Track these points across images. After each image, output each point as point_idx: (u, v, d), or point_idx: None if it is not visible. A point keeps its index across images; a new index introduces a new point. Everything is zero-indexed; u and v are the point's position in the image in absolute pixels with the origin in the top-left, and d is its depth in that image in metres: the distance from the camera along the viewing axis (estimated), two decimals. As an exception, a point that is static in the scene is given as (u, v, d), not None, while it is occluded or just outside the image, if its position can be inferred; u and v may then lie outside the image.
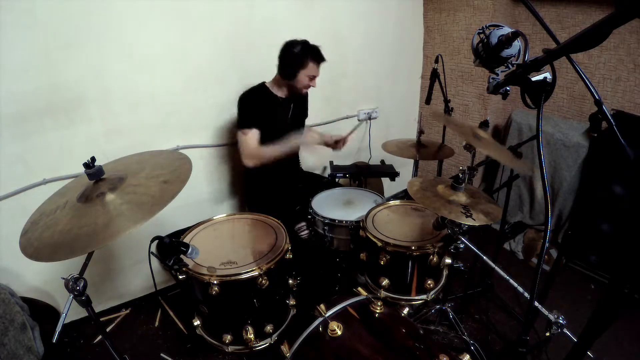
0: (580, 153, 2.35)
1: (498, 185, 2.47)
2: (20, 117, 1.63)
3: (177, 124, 2.05)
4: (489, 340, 1.88)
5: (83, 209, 0.93)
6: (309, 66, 1.80)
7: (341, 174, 2.22)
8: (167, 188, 0.96)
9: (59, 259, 0.82)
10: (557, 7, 2.41)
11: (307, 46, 1.81)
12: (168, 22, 1.87)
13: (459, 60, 2.79)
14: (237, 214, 1.64)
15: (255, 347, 1.33)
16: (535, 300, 0.90)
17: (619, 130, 0.66)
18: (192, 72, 2.01)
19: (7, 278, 1.70)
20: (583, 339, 0.77)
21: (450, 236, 1.39)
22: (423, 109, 3.07)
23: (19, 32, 1.54)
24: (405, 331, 1.13)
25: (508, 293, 2.15)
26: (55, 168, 1.76)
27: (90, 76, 1.74)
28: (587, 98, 2.45)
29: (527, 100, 0.88)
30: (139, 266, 2.14)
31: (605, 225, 2.17)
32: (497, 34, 0.92)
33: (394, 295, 1.53)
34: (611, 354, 1.73)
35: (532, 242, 2.56)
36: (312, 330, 1.14)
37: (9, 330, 1.44)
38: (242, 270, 1.25)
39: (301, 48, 1.79)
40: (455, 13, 2.70)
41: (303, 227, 1.85)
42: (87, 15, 1.65)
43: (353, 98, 2.76)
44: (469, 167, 1.69)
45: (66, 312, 0.90)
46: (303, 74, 1.82)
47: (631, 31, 2.14)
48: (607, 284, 2.23)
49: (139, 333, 1.99)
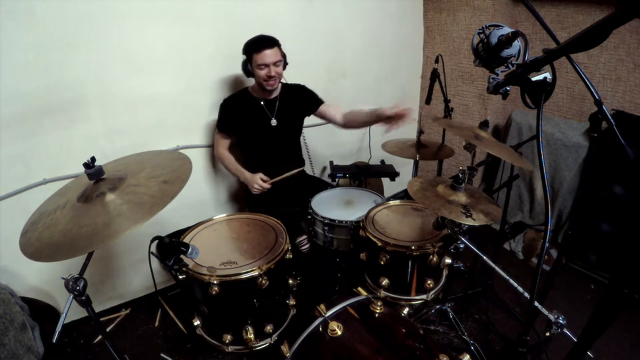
0: (580, 153, 2.35)
1: (498, 185, 2.47)
2: (20, 117, 1.63)
3: (177, 124, 2.05)
4: (489, 340, 1.88)
5: (83, 209, 0.93)
6: (254, 58, 1.78)
7: (341, 174, 2.22)
8: (167, 188, 0.96)
9: (59, 259, 0.82)
10: (557, 7, 2.41)
11: (250, 40, 1.80)
12: (168, 22, 1.87)
13: (459, 60, 2.79)
14: (237, 214, 1.64)
15: (255, 347, 1.34)
16: (535, 300, 0.90)
17: (619, 130, 0.66)
18: (192, 72, 2.01)
19: (7, 278, 1.70)
20: (583, 339, 0.77)
21: (450, 236, 1.39)
22: (423, 109, 3.07)
23: (19, 32, 1.54)
24: (405, 331, 1.13)
25: (508, 293, 2.15)
26: (55, 168, 1.76)
27: (90, 76, 1.74)
28: (587, 98, 2.45)
29: (527, 100, 0.88)
30: (139, 266, 2.14)
31: (605, 225, 2.17)
32: (497, 34, 0.92)
33: (393, 295, 1.53)
34: (611, 354, 1.73)
35: (532, 242, 2.56)
36: (312, 330, 1.14)
37: (9, 330, 1.44)
38: (242, 270, 1.25)
39: (245, 45, 1.81)
40: (455, 13, 2.70)
41: (304, 241, 1.84)
42: (87, 15, 1.65)
43: (353, 98, 2.76)
44: (469, 167, 1.69)
45: (66, 312, 0.90)
46: (255, 68, 1.80)
47: (631, 31, 2.14)
48: (607, 284, 2.22)
49: (139, 333, 1.98)
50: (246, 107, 1.92)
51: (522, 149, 1.82)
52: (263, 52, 1.76)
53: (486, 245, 2.28)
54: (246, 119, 1.91)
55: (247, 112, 1.92)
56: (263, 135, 1.96)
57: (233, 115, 1.89)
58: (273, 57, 1.78)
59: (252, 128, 1.94)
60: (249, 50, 1.79)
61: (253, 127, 1.94)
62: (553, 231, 2.58)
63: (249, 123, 1.92)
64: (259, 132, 1.96)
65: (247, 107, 1.92)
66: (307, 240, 1.85)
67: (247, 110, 1.92)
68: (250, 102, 1.93)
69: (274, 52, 1.78)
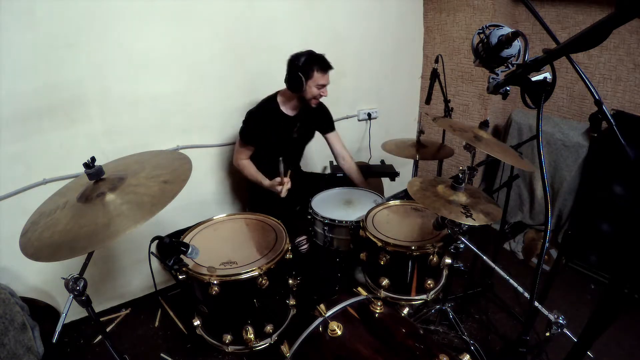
0: (580, 153, 2.35)
1: (498, 185, 2.47)
2: (20, 117, 1.63)
3: (177, 124, 2.06)
4: (489, 340, 1.88)
5: (83, 209, 0.93)
6: (315, 76, 1.79)
7: (341, 174, 2.22)
8: (167, 188, 0.96)
9: (59, 259, 0.82)
10: (557, 7, 2.41)
11: (312, 56, 1.80)
12: (168, 22, 1.87)
13: (459, 60, 2.79)
14: (237, 214, 1.64)
15: (255, 347, 1.33)
16: (535, 300, 0.90)
17: (619, 130, 0.66)
18: (192, 71, 2.01)
19: (7, 278, 1.70)
20: (583, 339, 0.77)
21: (450, 236, 1.39)
22: (423, 109, 3.07)
23: (19, 32, 1.54)
24: (405, 331, 1.13)
25: (508, 293, 2.15)
26: (55, 168, 1.76)
27: (90, 76, 1.74)
28: (587, 98, 2.45)
29: (527, 100, 0.88)
30: (139, 266, 2.14)
31: (605, 225, 2.17)
32: (497, 34, 0.92)
33: (394, 295, 1.53)
34: (611, 354, 1.73)
35: (532, 242, 2.56)
36: (312, 330, 1.14)
37: (9, 330, 1.44)
38: (242, 270, 1.25)
39: (305, 59, 1.78)
40: (455, 13, 2.70)
41: (302, 241, 1.85)
42: (87, 15, 1.65)
43: (353, 98, 2.76)
44: (469, 167, 1.69)
45: (66, 312, 0.90)
46: (311, 84, 1.81)
47: (631, 31, 2.14)
48: (607, 284, 2.22)
49: (139, 333, 1.98)
50: (274, 121, 1.93)
51: (522, 149, 1.82)
52: (327, 73, 1.83)
53: (486, 245, 2.29)
54: (272, 132, 1.92)
55: (274, 125, 1.92)
56: (284, 146, 1.99)
57: (260, 128, 1.89)
58: (329, 80, 1.86)
59: (276, 140, 1.95)
60: (311, 67, 1.78)
61: (277, 139, 1.95)
62: (553, 231, 2.58)
63: (275, 135, 1.93)
64: (281, 143, 1.98)
65: (274, 121, 1.93)
66: (306, 240, 1.85)
67: (275, 124, 1.93)
68: (278, 116, 1.94)
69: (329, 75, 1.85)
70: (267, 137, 1.91)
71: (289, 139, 2.01)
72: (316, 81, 1.80)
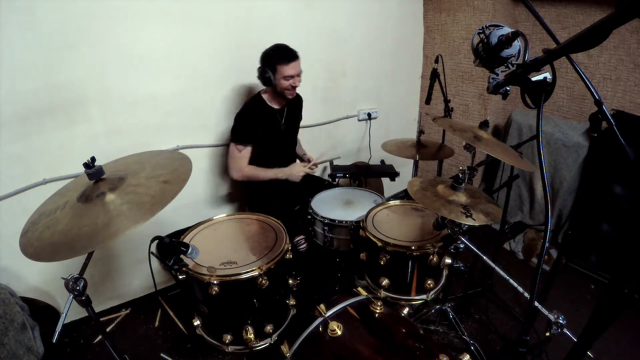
0: (580, 153, 2.35)
1: (498, 185, 2.47)
2: (20, 117, 1.63)
3: (177, 124, 2.05)
4: (489, 340, 1.88)
5: (83, 209, 0.93)
6: (280, 68, 1.80)
7: (341, 174, 2.22)
8: (167, 188, 0.96)
9: (59, 259, 0.82)
10: (557, 7, 2.41)
11: (274, 49, 1.83)
12: (168, 22, 1.87)
13: (459, 60, 2.79)
14: (237, 214, 1.64)
15: (255, 347, 1.33)
16: (535, 300, 0.90)
17: (619, 130, 0.66)
18: (192, 71, 2.01)
19: (7, 278, 1.70)
20: (583, 339, 0.77)
21: (450, 236, 1.39)
22: (423, 109, 3.08)
23: (19, 32, 1.53)
24: (405, 331, 1.13)
25: (508, 293, 2.15)
26: (55, 168, 1.76)
27: (90, 76, 1.73)
28: (587, 98, 2.45)
29: (527, 100, 0.87)
30: (139, 266, 2.14)
31: (605, 225, 2.17)
32: (497, 34, 0.92)
33: (394, 295, 1.53)
34: (611, 354, 1.73)
35: (532, 242, 2.56)
36: (312, 330, 1.14)
37: (9, 330, 1.44)
38: (242, 270, 1.25)
39: (268, 53, 1.82)
40: (455, 13, 2.70)
41: (301, 240, 1.85)
42: (87, 15, 1.65)
43: (353, 98, 2.76)
44: (469, 167, 1.69)
45: (66, 312, 0.90)
46: (278, 77, 1.83)
47: (631, 31, 2.14)
48: (607, 284, 2.22)
49: (139, 333, 1.98)
50: (262, 116, 1.95)
51: (522, 149, 1.82)
52: (291, 64, 1.81)
53: (486, 245, 2.29)
54: (263, 127, 1.94)
55: (263, 120, 1.95)
56: (275, 138, 2.01)
57: (251, 125, 1.91)
58: (298, 69, 1.85)
59: (268, 134, 1.97)
60: (273, 61, 1.81)
61: (269, 133, 1.97)
62: (553, 231, 2.58)
63: (265, 129, 1.95)
64: (273, 136, 2.00)
65: (263, 115, 1.95)
66: (304, 240, 1.85)
67: (263, 118, 1.95)
68: (265, 110, 1.97)
69: (298, 63, 1.85)
70: (259, 132, 1.92)
71: (278, 131, 2.03)
72: (282, 73, 1.81)
